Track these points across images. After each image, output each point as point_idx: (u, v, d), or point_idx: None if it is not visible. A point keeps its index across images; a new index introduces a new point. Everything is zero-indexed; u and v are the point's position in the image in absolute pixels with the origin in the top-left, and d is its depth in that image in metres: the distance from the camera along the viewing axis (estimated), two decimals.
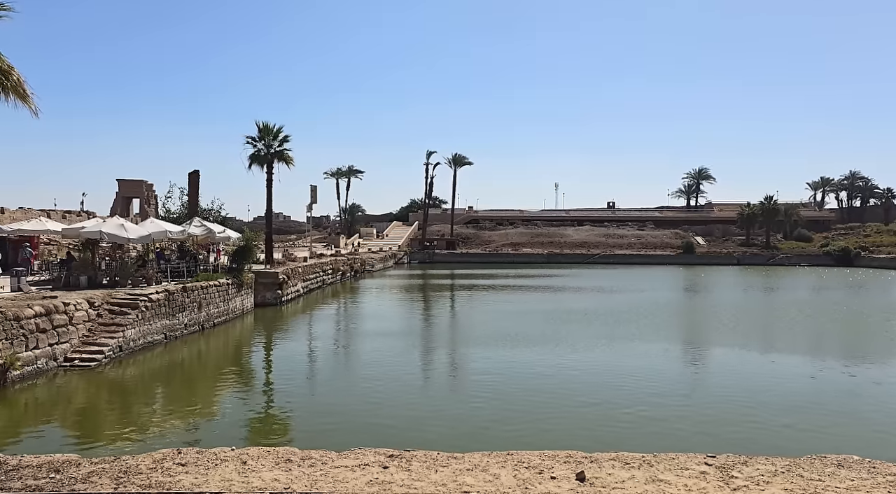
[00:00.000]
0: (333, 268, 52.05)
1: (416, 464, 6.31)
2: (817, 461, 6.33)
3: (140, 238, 26.37)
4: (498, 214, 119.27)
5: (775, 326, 30.76)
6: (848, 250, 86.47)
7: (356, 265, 60.45)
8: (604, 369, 18.98)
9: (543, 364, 19.65)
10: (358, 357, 22.18)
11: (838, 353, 22.69)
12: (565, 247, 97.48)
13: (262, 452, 6.84)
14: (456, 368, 20.55)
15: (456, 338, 26.97)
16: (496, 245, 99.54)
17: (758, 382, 17.51)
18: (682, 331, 29.19)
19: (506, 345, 23.20)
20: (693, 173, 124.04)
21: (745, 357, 21.77)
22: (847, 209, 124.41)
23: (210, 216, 42.74)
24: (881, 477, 5.82)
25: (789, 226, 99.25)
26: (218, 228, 33.16)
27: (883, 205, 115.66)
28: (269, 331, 28.20)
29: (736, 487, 5.59)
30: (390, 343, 24.22)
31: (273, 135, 40.93)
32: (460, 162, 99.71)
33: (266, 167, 41.12)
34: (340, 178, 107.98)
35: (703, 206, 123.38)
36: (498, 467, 6.18)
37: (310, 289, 43.04)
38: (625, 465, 6.20)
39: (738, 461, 6.34)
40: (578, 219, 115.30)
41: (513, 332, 26.48)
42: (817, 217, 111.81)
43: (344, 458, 6.58)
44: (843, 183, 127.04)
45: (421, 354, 23.13)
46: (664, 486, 5.61)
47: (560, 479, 5.79)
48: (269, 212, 44.46)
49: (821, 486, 5.60)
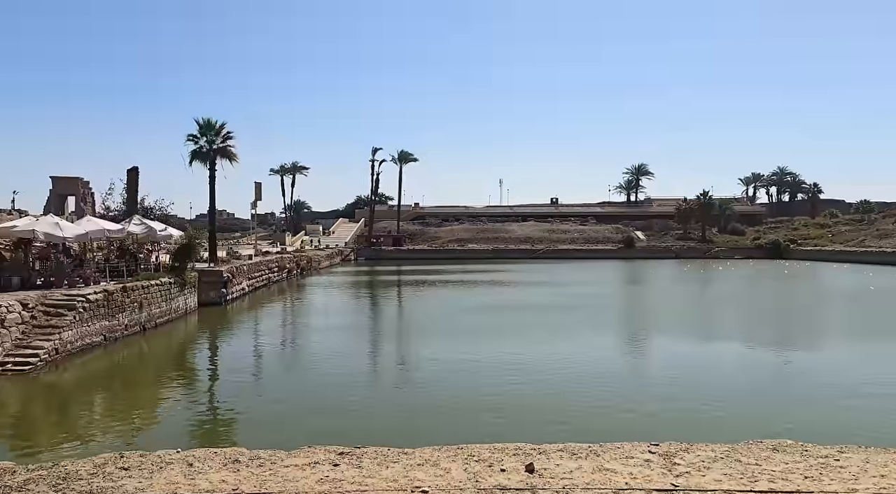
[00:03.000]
0: (279, 266, 51.29)
1: (366, 461, 6.30)
2: (754, 446, 6.61)
3: (76, 237, 25.36)
4: (444, 210, 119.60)
5: (712, 316, 31.94)
6: (778, 243, 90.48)
7: (302, 262, 59.70)
8: (550, 361, 19.30)
9: (491, 357, 19.86)
10: (306, 354, 21.93)
11: (771, 342, 23.71)
12: (510, 242, 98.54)
13: (208, 453, 6.70)
14: (405, 363, 20.57)
15: (404, 333, 26.98)
16: (442, 241, 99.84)
17: (698, 370, 18.16)
18: (625, 323, 29.98)
19: (454, 339, 23.34)
20: (633, 169, 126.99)
21: (686, 346, 22.51)
22: (777, 203, 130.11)
23: (151, 214, 41.48)
24: (812, 460, 6.13)
25: (724, 221, 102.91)
26: (159, 226, 32.19)
27: (810, 200, 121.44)
28: (213, 331, 27.57)
29: (678, 473, 5.79)
30: (338, 339, 24.04)
31: (215, 132, 39.95)
32: (406, 158, 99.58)
33: (208, 164, 40.12)
34: (285, 175, 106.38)
35: (643, 202, 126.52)
36: (448, 461, 6.23)
37: (255, 288, 42.28)
38: (572, 455, 6.34)
39: (680, 448, 6.56)
40: (523, 215, 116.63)
41: (460, 326, 26.67)
42: (749, 211, 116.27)
43: (293, 457, 6.52)
44: (772, 178, 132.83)
45: (369, 349, 23.05)
46: (610, 475, 5.76)
47: (510, 471, 5.88)
48: (213, 209, 43.42)
49: (757, 470, 5.85)
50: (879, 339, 23.54)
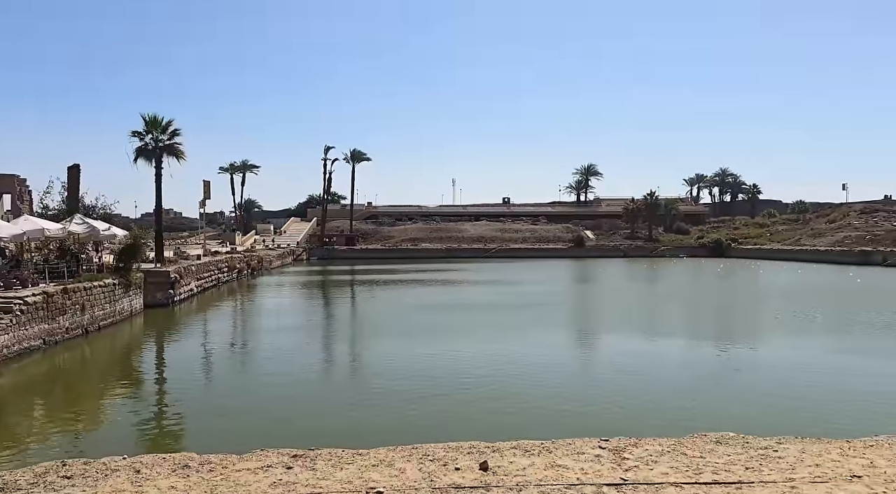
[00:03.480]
0: (229, 266, 50.30)
1: (320, 463, 6.26)
2: (699, 439, 6.83)
3: (12, 237, 24.30)
4: (397, 210, 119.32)
5: (659, 314, 32.80)
6: (720, 242, 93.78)
7: (253, 262, 58.71)
8: (503, 359, 19.49)
9: (445, 356, 19.93)
10: (257, 355, 21.57)
11: (713, 338, 24.51)
12: (463, 241, 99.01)
13: (156, 459, 6.54)
14: (358, 362, 20.46)
15: (357, 333, 26.83)
16: (396, 240, 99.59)
17: (646, 366, 18.62)
18: (575, 321, 30.50)
19: (407, 338, 23.33)
20: (582, 170, 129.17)
21: (634, 343, 23.03)
22: (719, 203, 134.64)
23: (93, 212, 40.08)
24: (753, 451, 6.38)
25: (669, 220, 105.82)
26: (102, 226, 31.14)
27: (749, 200, 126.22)
28: (160, 333, 26.85)
29: (628, 468, 5.94)
30: (290, 339, 23.73)
31: (162, 129, 38.85)
32: (358, 157, 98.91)
33: (154, 162, 38.99)
34: (235, 174, 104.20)
35: (592, 202, 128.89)
36: (403, 461, 6.24)
37: (204, 288, 41.34)
38: (525, 452, 6.43)
39: (629, 443, 6.73)
40: (476, 215, 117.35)
41: (414, 326, 26.68)
42: (694, 211, 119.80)
43: (245, 461, 6.42)
44: (715, 179, 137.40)
45: (322, 350, 22.84)
46: (562, 471, 5.88)
47: (464, 470, 5.93)
48: (159, 208, 42.18)
49: (702, 462, 6.06)
50: (811, 334, 24.59)
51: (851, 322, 27.47)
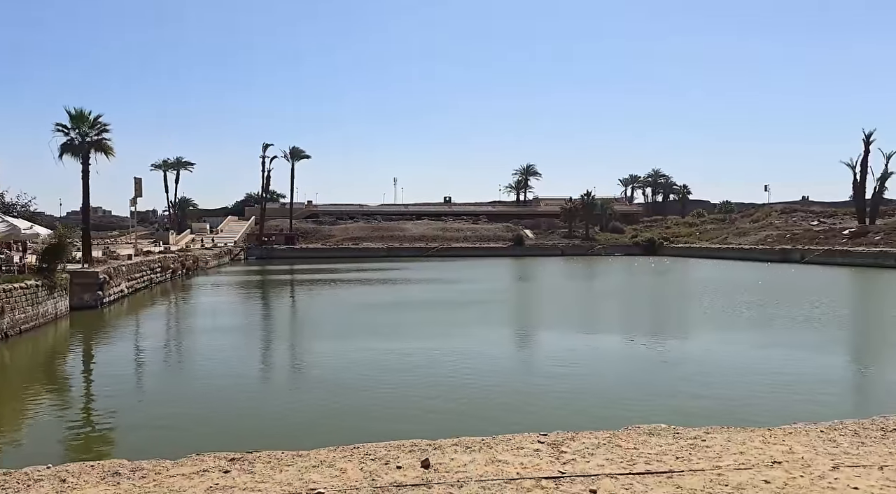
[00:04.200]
0: (163, 266, 48.67)
1: (259, 466, 6.16)
2: (632, 431, 7.07)
3: None
4: (338, 208, 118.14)
5: (594, 310, 33.64)
6: (653, 240, 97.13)
7: (188, 262, 57.02)
8: (444, 356, 19.59)
9: (386, 354, 19.88)
10: (193, 357, 20.96)
11: (648, 332, 25.31)
12: (405, 240, 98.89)
13: (84, 467, 6.30)
14: (299, 363, 20.16)
15: (297, 333, 26.44)
16: (337, 239, 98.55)
17: (582, 362, 19.07)
18: (515, 318, 30.93)
19: (348, 338, 23.14)
20: (521, 169, 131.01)
21: (571, 339, 23.53)
22: (652, 203, 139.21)
23: (13, 211, 38.05)
24: (683, 441, 6.65)
25: (605, 220, 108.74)
26: (24, 224, 29.61)
27: (680, 200, 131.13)
28: (88, 336, 25.74)
29: (565, 461, 6.10)
30: (228, 340, 23.17)
31: (90, 124, 37.21)
32: (298, 155, 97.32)
33: (81, 158, 37.30)
34: (168, 171, 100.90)
35: (531, 201, 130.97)
36: (344, 461, 6.21)
37: (136, 289, 39.86)
38: (466, 449, 6.50)
39: (566, 437, 6.90)
40: (417, 214, 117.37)
41: (355, 325, 26.49)
42: (628, 211, 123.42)
43: (180, 466, 6.25)
44: (648, 180, 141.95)
45: (261, 351, 22.40)
46: (502, 466, 5.98)
47: (406, 468, 5.95)
48: (86, 206, 40.38)
49: (635, 453, 6.27)
50: (737, 329, 25.72)
51: (774, 316, 28.87)
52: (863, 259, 65.67)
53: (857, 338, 25.34)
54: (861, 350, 22.88)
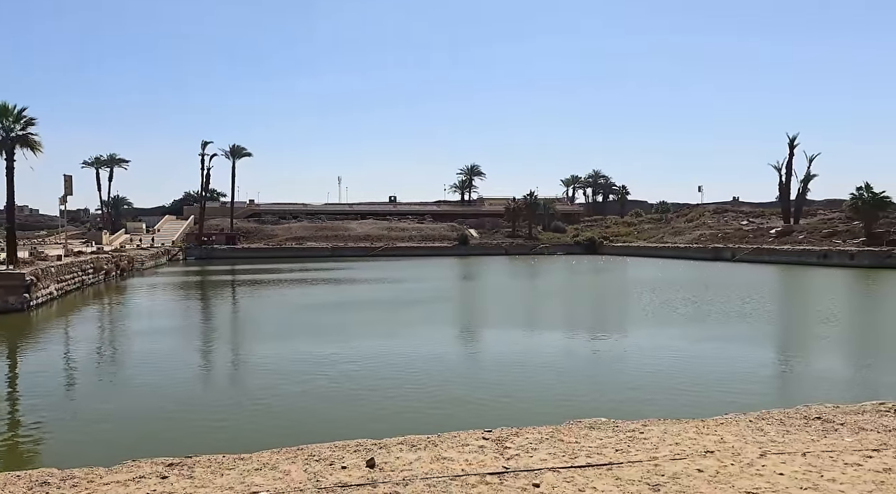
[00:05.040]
0: (95, 267, 46.82)
1: (199, 470, 6.01)
2: (574, 425, 7.23)
3: None
4: (281, 208, 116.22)
5: (538, 307, 34.19)
6: (594, 240, 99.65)
7: (123, 263, 55.05)
8: (390, 356, 19.53)
9: (331, 354, 19.67)
10: (127, 361, 20.23)
11: (589, 328, 25.89)
12: (349, 240, 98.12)
13: (9, 478, 6.01)
14: (240, 365, 19.73)
15: (239, 334, 25.88)
16: (280, 239, 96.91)
17: (527, 358, 19.34)
18: (459, 317, 31.11)
19: (292, 338, 22.80)
20: (466, 169, 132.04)
21: (516, 336, 23.86)
22: (592, 203, 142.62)
23: None
24: (622, 434, 6.85)
25: (548, 219, 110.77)
26: None
27: (619, 200, 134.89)
28: (13, 340, 24.49)
29: (509, 456, 6.19)
30: (165, 343, 22.47)
31: (14, 118, 35.43)
32: (239, 153, 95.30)
33: (6, 154, 35.50)
34: (101, 168, 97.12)
35: (476, 201, 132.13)
36: (288, 463, 6.14)
37: (66, 291, 38.21)
38: (412, 447, 6.52)
39: (510, 433, 7.00)
40: (362, 213, 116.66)
41: (298, 325, 26.15)
42: (570, 211, 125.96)
43: (115, 473, 6.04)
44: (588, 180, 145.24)
45: (200, 353, 21.82)
46: (447, 463, 6.02)
47: (351, 468, 5.93)
48: (11, 204, 38.41)
49: (577, 447, 6.42)
50: (674, 325, 26.60)
51: (708, 312, 29.97)
52: (788, 257, 68.97)
53: (784, 332, 26.58)
54: (788, 343, 24.01)
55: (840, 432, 6.76)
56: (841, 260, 63.32)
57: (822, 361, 19.08)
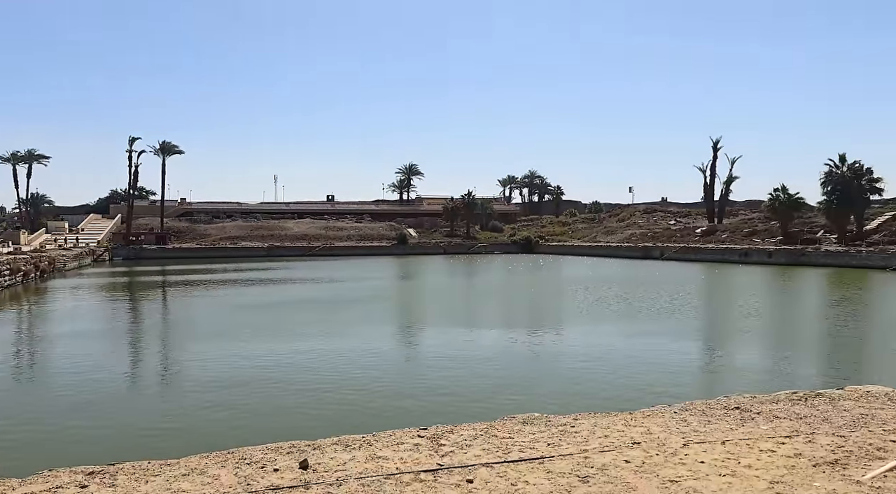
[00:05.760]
0: (12, 269, 44.41)
1: (122, 478, 5.79)
2: (508, 421, 7.33)
3: None
4: (214, 206, 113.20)
5: (475, 306, 34.51)
6: (530, 239, 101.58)
7: (43, 264, 52.39)
8: (324, 355, 19.32)
9: (264, 356, 19.28)
10: (46, 366, 19.25)
11: (524, 326, 26.30)
12: (286, 239, 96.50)
13: None
14: (169, 368, 19.09)
15: (168, 336, 25.01)
16: (213, 239, 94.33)
17: (463, 356, 19.48)
18: (397, 315, 31.08)
19: (224, 340, 22.22)
20: (405, 169, 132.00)
21: (452, 334, 23.97)
22: (528, 203, 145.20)
23: None
24: (554, 428, 7.00)
25: (485, 219, 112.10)
26: None
27: (554, 201, 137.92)
28: None
29: (444, 453, 6.22)
30: (88, 346, 21.49)
31: None
32: (169, 150, 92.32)
33: None
34: (19, 164, 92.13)
35: (414, 200, 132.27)
36: (217, 467, 5.99)
37: None
38: (346, 447, 6.47)
39: (445, 430, 7.04)
40: (299, 212, 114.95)
41: (232, 325, 25.52)
42: (507, 210, 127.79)
43: (29, 484, 5.74)
44: (525, 181, 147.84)
45: (127, 356, 20.98)
46: (382, 462, 6.01)
47: (283, 470, 5.83)
48: None
49: (511, 442, 6.52)
50: (606, 321, 27.36)
51: (638, 309, 30.96)
52: (712, 255, 72.13)
53: (709, 327, 27.73)
54: (712, 337, 25.06)
55: (756, 421, 7.12)
56: (760, 258, 66.70)
57: (743, 354, 20.00)
